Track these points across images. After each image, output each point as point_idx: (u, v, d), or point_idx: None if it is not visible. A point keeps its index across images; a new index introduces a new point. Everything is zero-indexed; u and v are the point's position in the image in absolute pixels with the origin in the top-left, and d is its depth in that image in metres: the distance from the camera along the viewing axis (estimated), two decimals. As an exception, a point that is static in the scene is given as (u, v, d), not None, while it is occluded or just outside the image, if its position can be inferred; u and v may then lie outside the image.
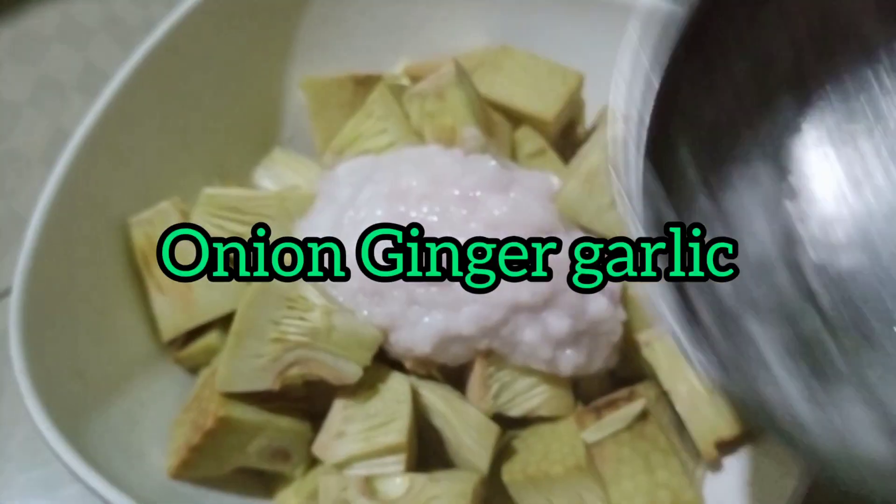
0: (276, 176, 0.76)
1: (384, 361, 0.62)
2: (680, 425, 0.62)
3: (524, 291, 0.59)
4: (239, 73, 0.78)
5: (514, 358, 0.61)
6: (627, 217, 0.45)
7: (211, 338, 0.66)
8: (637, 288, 0.66)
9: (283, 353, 0.58)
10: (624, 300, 0.65)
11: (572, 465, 0.58)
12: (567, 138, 0.78)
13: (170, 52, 0.71)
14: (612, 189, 0.67)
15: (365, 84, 0.75)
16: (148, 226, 0.66)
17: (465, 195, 0.62)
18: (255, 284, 0.58)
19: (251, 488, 0.64)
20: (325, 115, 0.75)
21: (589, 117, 0.79)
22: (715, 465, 0.61)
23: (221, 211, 0.65)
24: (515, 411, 0.62)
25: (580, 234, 0.65)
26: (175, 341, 0.68)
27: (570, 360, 0.60)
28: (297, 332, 0.58)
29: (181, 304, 0.66)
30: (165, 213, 0.66)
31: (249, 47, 0.78)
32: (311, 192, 0.68)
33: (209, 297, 0.65)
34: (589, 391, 0.66)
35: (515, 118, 0.73)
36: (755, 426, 0.59)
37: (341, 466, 0.59)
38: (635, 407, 0.58)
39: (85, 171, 0.64)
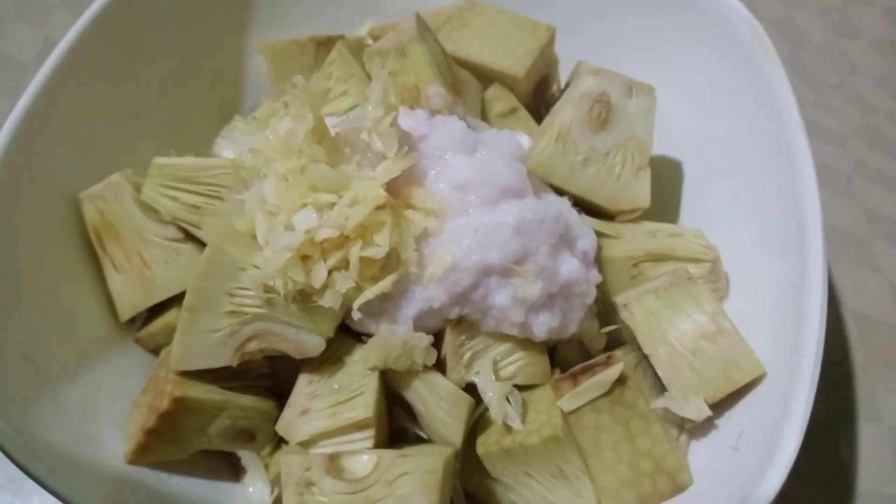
0: (235, 145, 0.72)
1: (348, 334, 0.59)
2: (661, 390, 0.59)
3: (493, 253, 0.55)
4: (196, 39, 0.74)
5: (486, 323, 0.58)
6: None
7: (171, 316, 0.63)
8: (613, 250, 0.64)
9: (240, 326, 0.55)
10: (599, 262, 0.62)
11: (549, 436, 0.55)
12: (541, 96, 0.75)
13: (119, 17, 0.68)
14: (584, 146, 0.64)
15: (326, 45, 0.71)
16: (100, 200, 0.63)
17: (431, 156, 0.59)
18: (205, 254, 0.55)
19: (217, 471, 0.62)
20: (285, 79, 0.71)
21: (564, 74, 0.76)
22: (698, 431, 0.59)
23: (174, 182, 0.61)
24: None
25: (551, 195, 0.62)
26: (134, 321, 0.65)
27: (543, 324, 0.57)
28: (253, 303, 0.55)
29: (139, 281, 0.63)
30: (117, 187, 0.63)
31: (206, 13, 0.75)
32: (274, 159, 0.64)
33: (168, 274, 0.62)
34: (567, 359, 0.63)
35: (485, 76, 0.70)
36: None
37: (307, 445, 0.56)
38: (613, 371, 0.55)
39: (27, 144, 0.60)
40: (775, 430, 0.51)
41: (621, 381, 0.56)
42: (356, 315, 0.55)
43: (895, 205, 0.94)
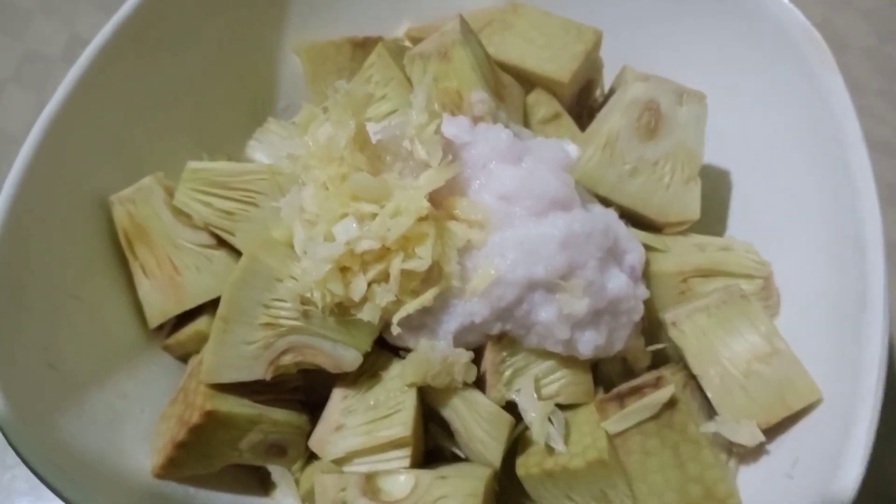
0: (270, 148, 0.71)
1: (386, 348, 0.57)
2: (709, 412, 0.56)
3: (539, 268, 0.53)
4: (229, 41, 0.72)
5: (529, 340, 0.55)
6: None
7: (201, 323, 0.61)
8: (661, 264, 0.61)
9: (275, 339, 0.53)
10: (646, 277, 0.60)
11: (594, 459, 0.53)
12: (584, 101, 0.72)
13: (152, 15, 0.66)
14: (632, 155, 0.62)
15: (364, 47, 0.69)
16: (130, 204, 0.61)
17: (476, 166, 0.56)
18: (241, 263, 0.53)
19: (246, 486, 0.60)
20: (322, 81, 0.70)
21: (608, 78, 0.73)
22: (749, 457, 0.56)
23: (207, 187, 0.59)
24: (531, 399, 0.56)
25: (599, 207, 0.60)
26: (163, 328, 0.63)
27: (589, 342, 0.55)
28: (289, 315, 0.53)
29: (169, 287, 0.61)
30: (149, 190, 0.61)
31: (241, 13, 0.72)
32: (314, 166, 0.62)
33: (199, 281, 0.60)
34: (610, 376, 0.61)
35: (527, 80, 0.68)
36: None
37: (341, 462, 0.54)
38: (663, 394, 0.53)
39: (58, 146, 0.58)
40: (834, 458, 0.49)
41: (671, 403, 0.53)
42: (395, 330, 0.53)
43: (946, 216, 0.90)
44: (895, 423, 0.76)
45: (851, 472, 0.48)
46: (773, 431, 0.55)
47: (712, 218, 0.68)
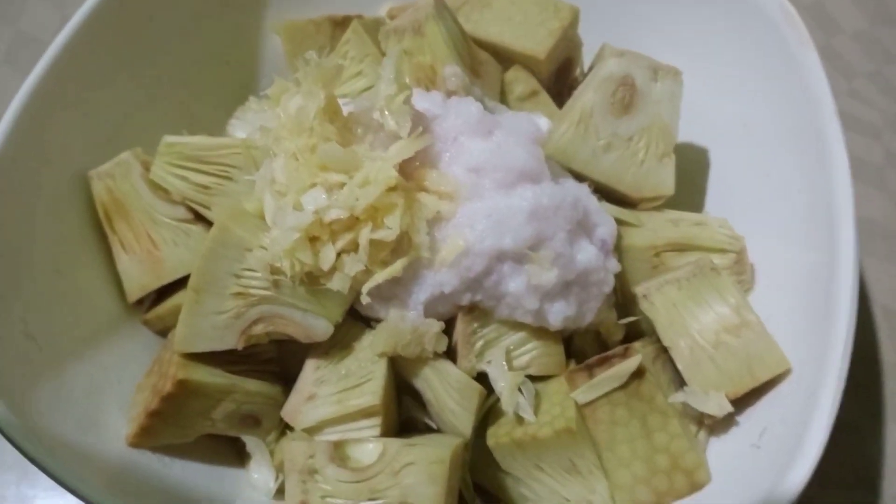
0: (250, 126, 0.71)
1: (358, 319, 0.57)
2: (681, 384, 0.57)
3: (507, 239, 0.53)
4: (210, 18, 0.73)
5: (500, 311, 0.56)
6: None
7: (180, 297, 0.61)
8: (634, 238, 0.61)
9: (246, 308, 0.54)
10: (619, 251, 0.60)
11: (562, 428, 0.53)
12: (563, 80, 0.72)
13: (130, -2, 0.66)
14: (607, 130, 0.62)
15: (343, 25, 0.70)
16: (109, 179, 0.62)
17: (446, 138, 0.57)
18: (211, 234, 0.53)
19: (221, 456, 0.61)
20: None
21: (588, 57, 0.73)
22: (718, 427, 0.56)
23: (183, 161, 0.60)
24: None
25: (570, 181, 0.60)
26: (142, 302, 0.64)
27: (559, 312, 0.55)
28: (259, 285, 0.53)
29: (147, 262, 0.62)
30: (127, 165, 0.62)
31: (220, -8, 0.73)
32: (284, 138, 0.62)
33: (177, 255, 0.61)
34: (583, 349, 0.61)
35: (505, 57, 0.68)
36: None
37: (313, 432, 0.55)
38: (630, 364, 0.53)
39: (38, 123, 0.59)
40: (800, 428, 0.49)
41: (639, 373, 0.54)
42: (365, 299, 0.53)
43: (930, 198, 0.90)
44: (874, 413, 0.76)
45: (815, 441, 0.48)
46: (742, 402, 0.56)
47: (688, 194, 0.68)
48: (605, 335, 0.61)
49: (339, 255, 0.52)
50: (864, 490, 0.73)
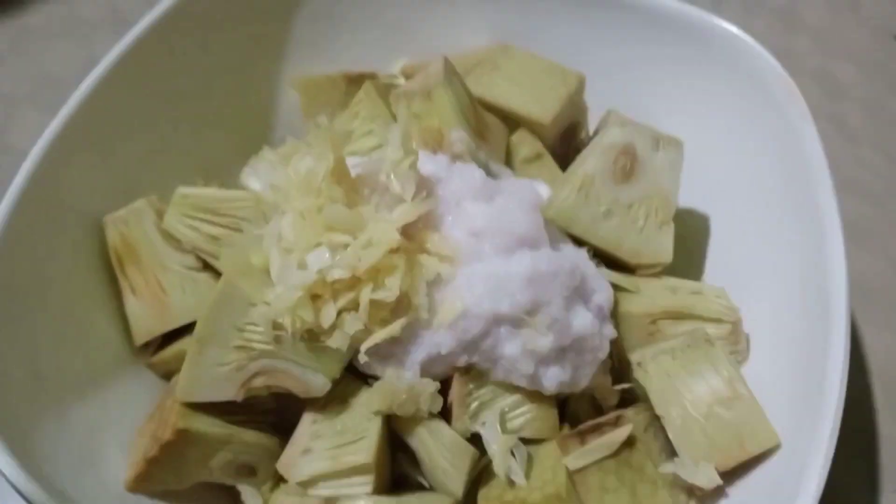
0: (263, 176, 0.73)
1: (356, 375, 0.58)
2: (672, 453, 0.57)
3: (504, 303, 0.55)
4: (229, 70, 0.75)
5: (495, 373, 0.57)
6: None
7: (185, 343, 0.63)
8: (631, 305, 0.62)
9: (248, 361, 0.55)
10: (616, 317, 0.61)
11: (552, 493, 0.54)
12: (569, 142, 0.74)
13: (155, 46, 0.69)
14: (607, 197, 0.64)
15: (357, 82, 0.72)
16: (122, 225, 0.64)
17: (449, 202, 0.58)
18: (218, 287, 0.55)
19: (219, 502, 0.61)
20: (317, 113, 0.72)
21: (592, 122, 0.75)
22: (707, 499, 0.57)
23: (195, 212, 0.62)
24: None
25: (569, 247, 0.62)
26: (148, 346, 0.65)
27: (553, 377, 0.56)
28: (261, 339, 0.55)
29: (155, 307, 0.63)
30: (140, 212, 0.64)
31: (241, 44, 0.75)
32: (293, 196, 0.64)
33: (184, 302, 0.63)
34: (578, 414, 0.62)
35: (512, 121, 0.70)
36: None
37: (306, 486, 0.56)
38: (622, 433, 0.54)
39: (58, 165, 0.61)
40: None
41: (630, 442, 0.55)
42: (363, 358, 0.55)
43: (933, 268, 0.91)
44: (871, 485, 0.76)
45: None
46: (731, 475, 0.56)
47: (688, 263, 0.69)
48: (600, 400, 0.62)
49: (339, 313, 0.54)
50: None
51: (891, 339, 0.85)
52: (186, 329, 0.63)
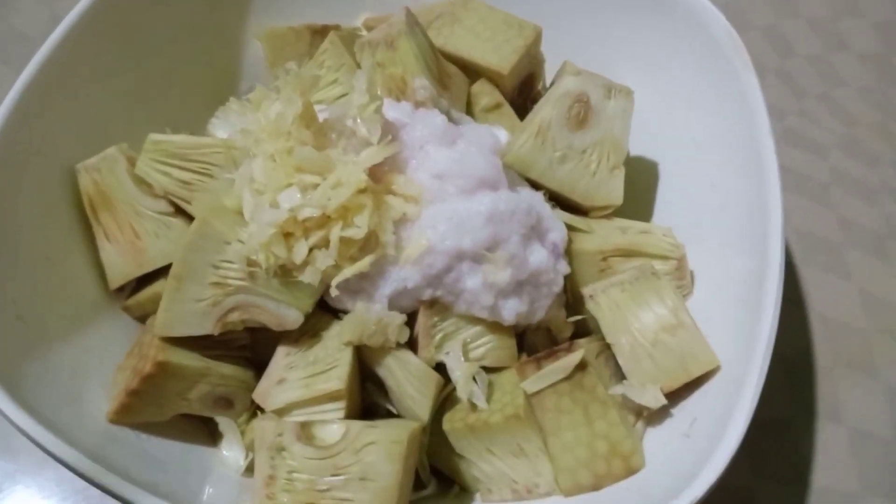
0: (230, 126, 0.75)
1: (326, 310, 0.62)
2: (622, 379, 0.62)
3: (466, 240, 0.58)
4: (193, 24, 0.77)
5: (458, 306, 0.61)
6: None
7: (159, 286, 0.65)
8: (584, 243, 0.66)
9: (223, 297, 0.58)
10: (570, 255, 0.65)
11: (511, 415, 0.58)
12: (526, 93, 0.77)
13: (118, 1, 0.70)
14: (562, 143, 0.67)
15: (322, 34, 0.74)
16: (95, 172, 0.66)
17: (413, 147, 0.62)
18: (193, 227, 0.58)
19: (196, 435, 0.65)
20: (281, 65, 0.74)
21: (551, 72, 0.79)
22: (654, 418, 0.62)
23: (167, 158, 0.64)
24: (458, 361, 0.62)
25: (526, 189, 0.65)
26: (123, 289, 0.68)
27: (512, 309, 0.61)
28: (236, 276, 0.58)
29: (129, 252, 0.65)
30: (112, 159, 0.66)
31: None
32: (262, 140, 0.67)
33: (158, 246, 0.65)
34: (535, 345, 0.66)
35: (472, 71, 0.73)
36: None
37: (281, 413, 0.59)
38: (574, 357, 0.58)
39: (30, 115, 0.63)
40: (725, 419, 0.54)
41: (582, 367, 0.59)
42: (334, 292, 0.58)
43: (870, 215, 0.96)
44: (809, 413, 0.82)
45: (736, 430, 0.53)
46: (675, 396, 0.61)
47: (639, 206, 0.74)
48: (555, 332, 0.66)
49: (310, 250, 0.57)
50: (798, 483, 0.78)
51: (830, 282, 0.91)
52: (160, 273, 0.66)
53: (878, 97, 1.06)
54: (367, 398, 0.64)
